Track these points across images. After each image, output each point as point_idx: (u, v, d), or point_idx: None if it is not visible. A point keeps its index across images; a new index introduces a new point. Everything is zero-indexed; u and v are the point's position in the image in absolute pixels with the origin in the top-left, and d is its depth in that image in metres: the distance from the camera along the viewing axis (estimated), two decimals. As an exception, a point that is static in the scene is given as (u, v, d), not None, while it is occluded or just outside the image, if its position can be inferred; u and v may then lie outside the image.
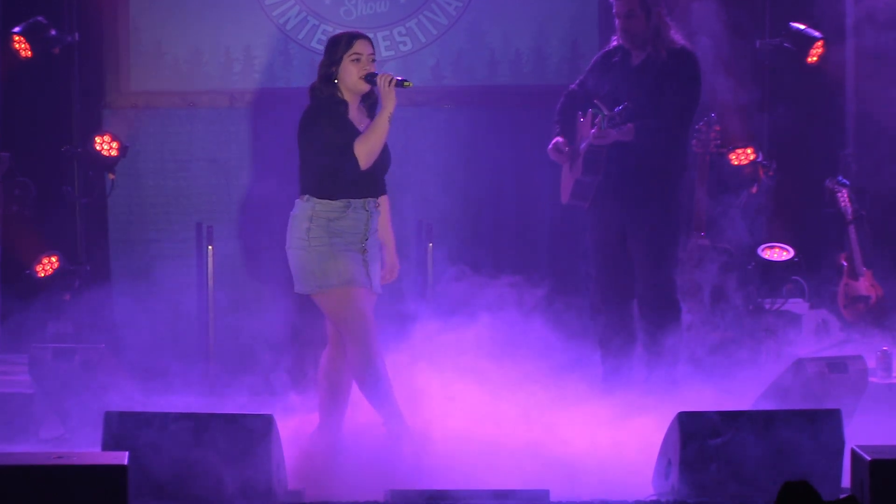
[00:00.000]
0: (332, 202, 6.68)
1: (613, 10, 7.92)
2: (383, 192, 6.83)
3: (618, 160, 7.76)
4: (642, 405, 7.28)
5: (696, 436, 6.28)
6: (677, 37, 7.86)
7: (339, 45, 6.75)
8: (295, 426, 6.77)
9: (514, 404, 6.97)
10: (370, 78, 6.68)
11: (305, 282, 6.68)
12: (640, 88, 7.76)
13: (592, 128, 7.75)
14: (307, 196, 6.71)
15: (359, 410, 6.82)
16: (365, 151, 6.65)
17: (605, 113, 7.68)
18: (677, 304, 7.89)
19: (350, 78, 6.72)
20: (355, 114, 6.76)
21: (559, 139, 7.89)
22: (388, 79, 6.64)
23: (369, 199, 6.71)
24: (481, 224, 9.83)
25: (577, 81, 8.11)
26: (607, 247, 7.92)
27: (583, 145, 7.86)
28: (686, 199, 8.00)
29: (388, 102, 6.63)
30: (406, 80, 6.66)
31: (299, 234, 6.68)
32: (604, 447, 6.74)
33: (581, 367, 7.70)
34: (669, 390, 7.56)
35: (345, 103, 6.74)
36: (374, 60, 6.75)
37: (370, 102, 6.79)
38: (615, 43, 7.99)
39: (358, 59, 6.71)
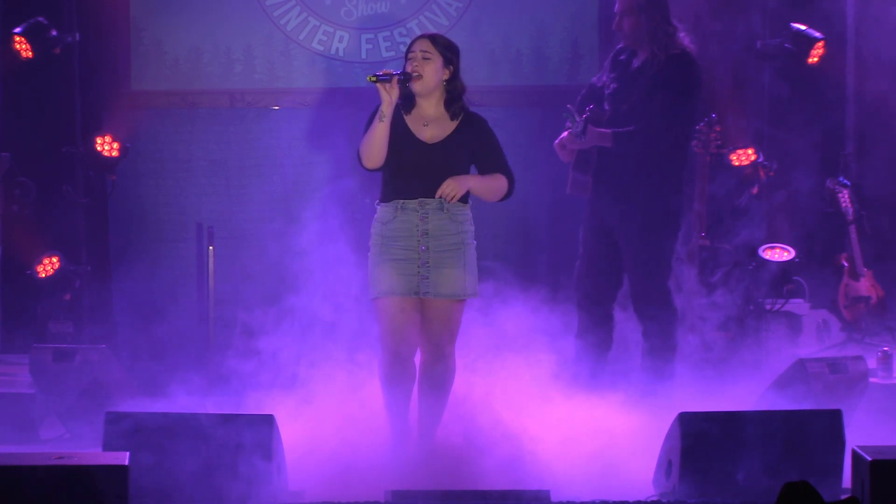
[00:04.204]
0: (387, 205, 6.67)
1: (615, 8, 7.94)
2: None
3: (607, 162, 7.75)
4: (643, 405, 7.28)
5: (696, 436, 6.28)
6: (685, 40, 7.79)
7: None
8: (296, 427, 6.78)
9: (513, 404, 6.96)
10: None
11: None
12: (638, 90, 7.74)
13: (564, 131, 7.78)
14: (376, 200, 6.72)
15: (358, 411, 6.83)
16: (363, 151, 6.63)
17: (577, 119, 7.69)
18: (668, 308, 7.78)
19: None
20: (427, 113, 6.68)
21: (565, 135, 7.85)
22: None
23: (424, 199, 6.65)
24: (481, 223, 9.80)
25: (598, 75, 8.10)
26: (595, 247, 7.89)
27: None
28: (684, 202, 7.97)
29: (382, 100, 6.58)
30: (371, 75, 6.56)
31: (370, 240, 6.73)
32: (604, 447, 6.73)
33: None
34: (670, 390, 7.56)
35: (395, 105, 6.62)
36: (427, 58, 6.62)
37: (456, 107, 6.71)
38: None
39: (411, 59, 6.66)
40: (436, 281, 6.61)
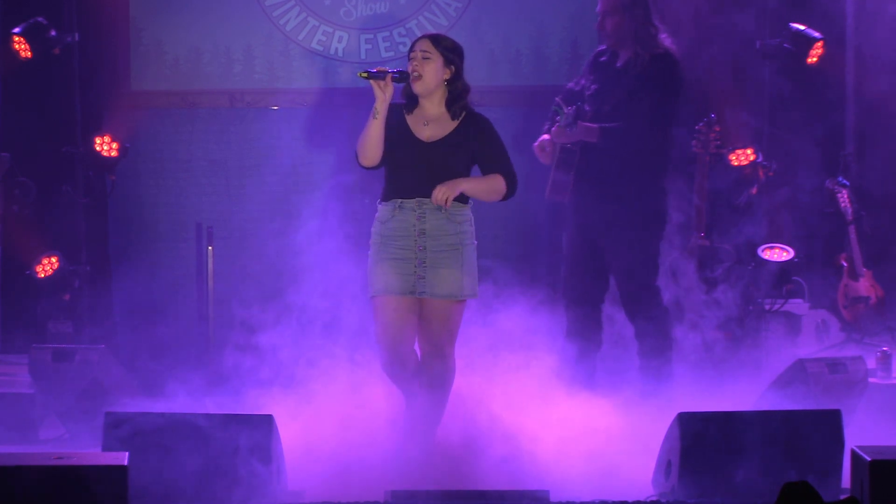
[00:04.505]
0: (387, 204, 6.68)
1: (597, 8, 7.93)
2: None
3: (590, 161, 7.74)
4: (642, 405, 7.28)
5: (696, 436, 6.28)
6: (667, 41, 7.80)
7: None
8: (295, 427, 6.78)
9: (513, 403, 6.96)
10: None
11: None
12: (621, 89, 7.74)
13: (553, 126, 7.77)
14: (377, 199, 6.72)
15: (358, 411, 6.83)
16: (358, 149, 6.64)
17: (565, 111, 7.69)
18: (659, 307, 7.79)
19: None
20: (429, 112, 6.70)
21: (545, 137, 7.87)
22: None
23: (422, 198, 6.64)
24: (481, 223, 9.80)
25: (575, 80, 8.11)
26: (580, 248, 7.88)
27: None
28: (668, 201, 7.96)
29: (376, 98, 6.59)
30: (362, 72, 6.59)
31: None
32: (604, 447, 6.74)
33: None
34: (669, 390, 7.55)
35: (399, 105, 6.66)
36: (427, 58, 6.63)
37: (456, 107, 6.71)
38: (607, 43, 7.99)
39: (412, 59, 6.67)
40: (432, 281, 6.61)
